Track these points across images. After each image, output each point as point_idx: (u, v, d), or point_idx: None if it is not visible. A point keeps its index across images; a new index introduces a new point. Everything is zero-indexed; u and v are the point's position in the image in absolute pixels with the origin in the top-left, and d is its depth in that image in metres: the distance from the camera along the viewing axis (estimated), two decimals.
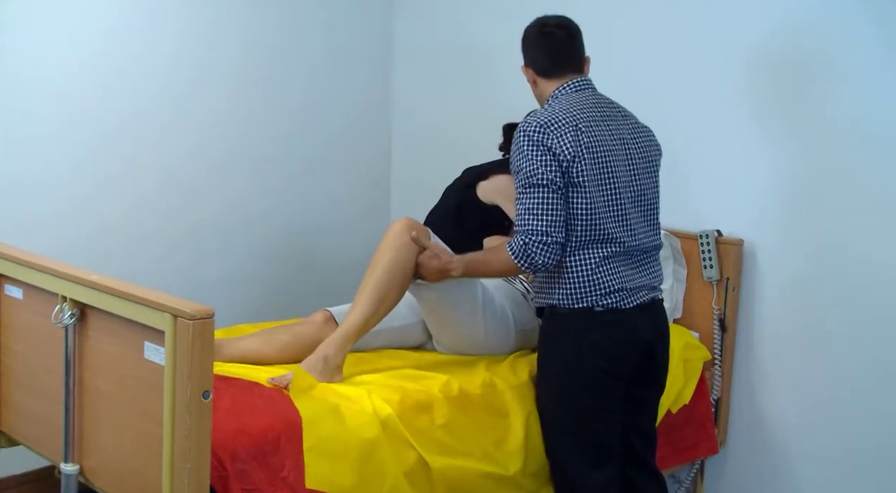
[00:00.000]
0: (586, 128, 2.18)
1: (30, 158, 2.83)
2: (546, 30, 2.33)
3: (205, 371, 1.65)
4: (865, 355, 2.66)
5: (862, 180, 2.64)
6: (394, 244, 2.31)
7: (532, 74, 2.36)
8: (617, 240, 2.22)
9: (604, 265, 2.21)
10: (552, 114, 2.20)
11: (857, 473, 2.70)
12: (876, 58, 2.59)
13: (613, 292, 2.21)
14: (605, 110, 2.28)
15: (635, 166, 2.28)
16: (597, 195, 2.18)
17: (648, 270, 2.31)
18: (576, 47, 2.34)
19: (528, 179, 2.16)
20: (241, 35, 3.36)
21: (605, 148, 2.21)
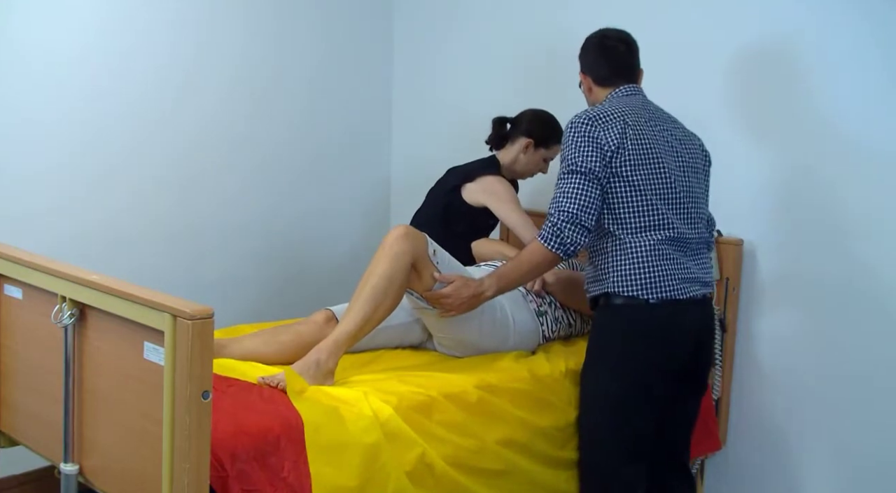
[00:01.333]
0: (634, 123, 2.28)
1: (23, 157, 2.82)
2: (607, 42, 2.45)
3: (204, 371, 1.65)
4: (865, 355, 2.66)
5: (862, 181, 2.64)
6: (391, 252, 2.30)
7: (589, 82, 2.46)
8: (669, 226, 2.27)
9: (657, 250, 2.25)
10: (601, 109, 2.31)
11: (858, 472, 2.70)
12: (874, 60, 2.59)
13: (667, 279, 2.25)
14: (654, 113, 2.38)
15: (685, 165, 2.36)
16: (646, 184, 2.26)
17: (700, 263, 2.35)
18: (633, 61, 2.45)
19: (568, 166, 2.25)
20: (240, 34, 3.36)
21: (652, 142, 2.29)
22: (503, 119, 3.11)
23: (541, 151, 3.04)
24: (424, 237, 2.38)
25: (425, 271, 2.36)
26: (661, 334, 2.26)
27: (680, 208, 2.31)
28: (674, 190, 2.30)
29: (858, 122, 2.63)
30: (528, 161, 3.05)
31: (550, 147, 3.03)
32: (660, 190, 2.27)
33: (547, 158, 3.06)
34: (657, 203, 2.27)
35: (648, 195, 2.26)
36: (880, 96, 2.58)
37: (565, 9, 3.32)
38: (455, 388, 2.25)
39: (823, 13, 2.66)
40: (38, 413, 2.09)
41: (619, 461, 2.31)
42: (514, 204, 2.96)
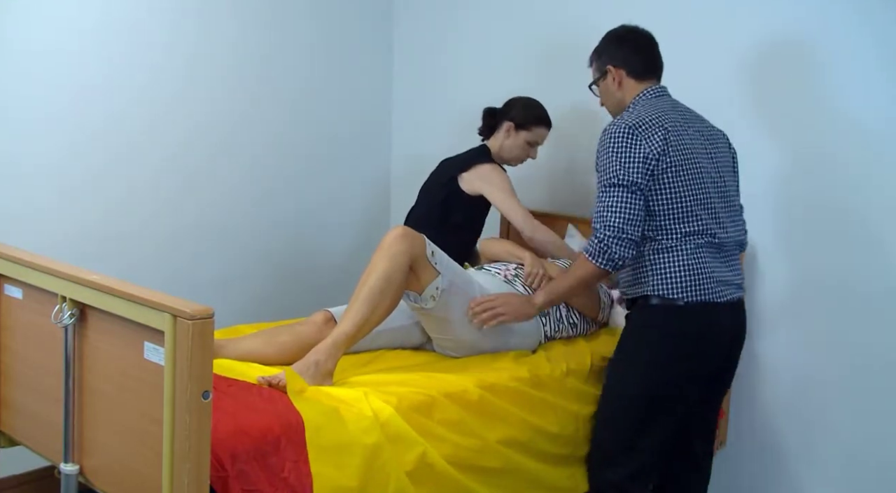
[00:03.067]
0: (672, 128, 2.28)
1: (17, 155, 2.81)
2: (631, 35, 2.45)
3: (205, 371, 1.65)
4: (866, 355, 2.66)
5: (862, 181, 2.64)
6: (388, 253, 2.31)
7: (621, 75, 2.43)
8: (708, 231, 2.29)
9: (695, 254, 2.27)
10: (639, 116, 2.29)
11: (858, 472, 2.70)
12: (875, 61, 2.59)
13: (704, 282, 2.26)
14: (686, 114, 2.39)
15: (719, 164, 2.38)
16: (685, 191, 2.27)
17: (733, 265, 2.37)
18: (661, 60, 2.46)
19: (609, 178, 2.25)
20: (238, 32, 3.35)
21: (691, 147, 2.31)
22: (492, 109, 3.15)
23: (522, 134, 3.05)
24: (423, 238, 2.38)
25: (423, 272, 2.36)
26: (696, 336, 2.29)
27: (716, 212, 2.33)
28: (711, 194, 2.32)
29: (864, 121, 2.63)
30: (512, 145, 3.07)
31: (532, 130, 3.05)
32: (699, 195, 2.29)
33: (531, 142, 3.07)
34: (696, 209, 2.28)
35: (688, 201, 2.27)
36: (889, 95, 2.58)
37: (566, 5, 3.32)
38: (455, 387, 2.25)
39: (829, 16, 2.66)
40: (38, 413, 2.09)
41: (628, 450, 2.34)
42: (509, 192, 2.98)
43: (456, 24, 3.71)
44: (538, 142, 3.09)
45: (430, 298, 2.39)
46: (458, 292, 2.46)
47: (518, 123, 3.06)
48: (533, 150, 3.10)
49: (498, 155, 3.10)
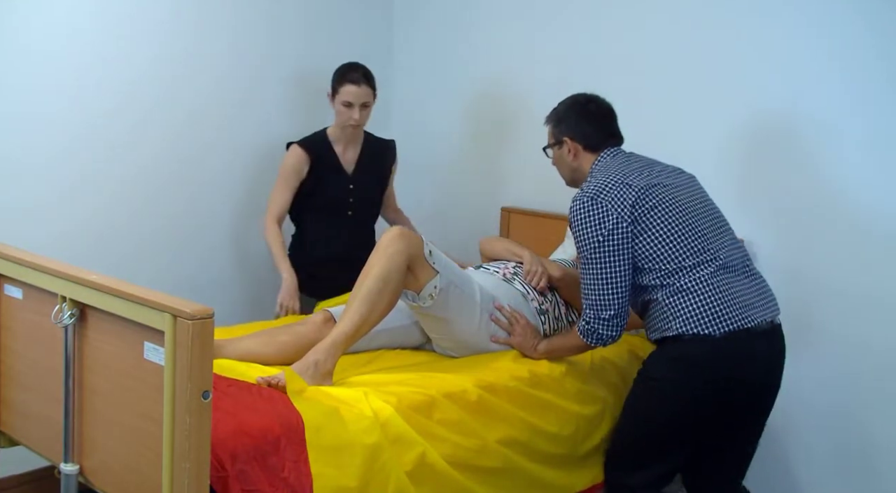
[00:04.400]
0: (636, 180, 2.32)
1: (6, 153, 2.79)
2: (592, 106, 2.48)
3: (205, 371, 1.65)
4: (866, 355, 2.66)
5: (861, 180, 2.64)
6: (385, 253, 2.31)
7: (577, 148, 2.46)
8: (712, 257, 2.28)
9: (711, 284, 2.25)
10: (597, 183, 2.33)
11: (857, 472, 2.71)
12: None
13: (729, 309, 2.23)
14: (642, 161, 2.41)
15: (693, 191, 2.39)
16: (675, 227, 2.28)
17: (756, 284, 2.33)
18: (617, 126, 2.50)
19: (584, 250, 2.31)
20: (233, 31, 3.34)
21: (662, 184, 2.33)
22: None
23: (335, 98, 3.07)
24: (420, 238, 2.38)
25: (421, 271, 2.36)
26: (728, 371, 2.24)
27: (711, 231, 2.33)
28: (699, 221, 2.32)
29: (859, 124, 2.63)
30: (336, 113, 3.10)
31: (338, 91, 3.07)
32: (690, 226, 2.29)
33: (343, 103, 3.05)
34: (691, 240, 2.28)
35: (682, 235, 2.27)
36: (881, 98, 2.59)
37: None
38: (455, 387, 2.25)
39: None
40: (38, 413, 2.09)
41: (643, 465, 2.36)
42: (283, 177, 3.08)
43: (456, 32, 3.71)
44: (351, 102, 3.04)
45: (428, 297, 2.39)
46: (457, 291, 2.46)
47: (332, 88, 3.09)
48: (352, 110, 3.05)
49: (337, 128, 3.13)
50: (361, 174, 3.15)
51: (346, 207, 3.09)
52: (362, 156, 3.16)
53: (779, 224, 2.83)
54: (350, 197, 3.12)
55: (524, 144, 3.51)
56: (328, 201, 3.05)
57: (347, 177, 3.12)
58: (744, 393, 2.28)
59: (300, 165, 3.07)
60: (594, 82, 3.19)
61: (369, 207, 3.19)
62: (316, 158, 3.07)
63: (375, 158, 3.19)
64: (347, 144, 3.14)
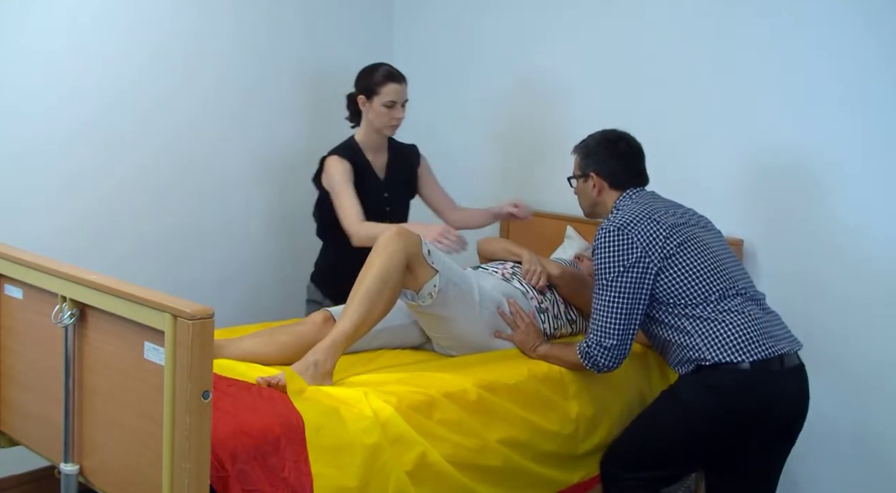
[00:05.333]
0: (662, 217, 2.34)
1: (3, 150, 2.79)
2: (622, 144, 2.48)
3: (205, 371, 1.65)
4: (866, 355, 2.66)
5: (862, 180, 2.64)
6: (384, 252, 2.31)
7: (602, 185, 2.47)
8: (738, 289, 2.29)
9: (739, 312, 2.26)
10: (626, 215, 2.35)
11: (857, 471, 2.71)
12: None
13: (758, 338, 2.23)
14: (668, 202, 2.43)
15: (714, 233, 2.42)
16: (701, 260, 2.30)
17: (778, 321, 2.34)
18: (644, 163, 2.51)
19: (602, 278, 2.31)
20: (233, 31, 3.34)
21: (682, 223, 2.34)
22: (350, 94, 3.09)
23: (374, 100, 2.97)
24: (418, 237, 2.38)
25: (420, 270, 2.36)
26: (758, 399, 2.23)
27: (735, 270, 2.35)
28: (721, 255, 2.35)
29: (858, 126, 2.63)
30: (374, 115, 2.98)
31: (379, 92, 2.95)
32: (714, 261, 2.31)
33: (386, 104, 2.95)
34: (717, 273, 2.30)
35: (706, 268, 2.29)
36: (881, 99, 2.59)
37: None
38: (455, 387, 2.26)
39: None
40: (38, 413, 2.09)
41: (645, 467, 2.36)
42: (341, 185, 2.90)
43: (455, 33, 3.71)
44: (395, 100, 2.95)
45: (427, 296, 2.39)
46: (456, 290, 2.46)
47: (366, 92, 2.98)
48: (395, 110, 2.97)
49: (370, 133, 3.03)
50: (393, 180, 3.09)
51: (384, 215, 3.03)
52: (390, 161, 3.10)
53: (770, 225, 2.83)
54: (387, 205, 3.06)
55: (524, 144, 3.51)
56: (367, 210, 2.92)
57: (381, 184, 3.06)
58: (771, 430, 2.27)
59: (349, 172, 2.94)
60: (593, 84, 3.20)
61: (403, 213, 3.14)
62: (354, 167, 2.98)
63: (402, 163, 3.13)
64: (377, 151, 3.07)
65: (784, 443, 2.35)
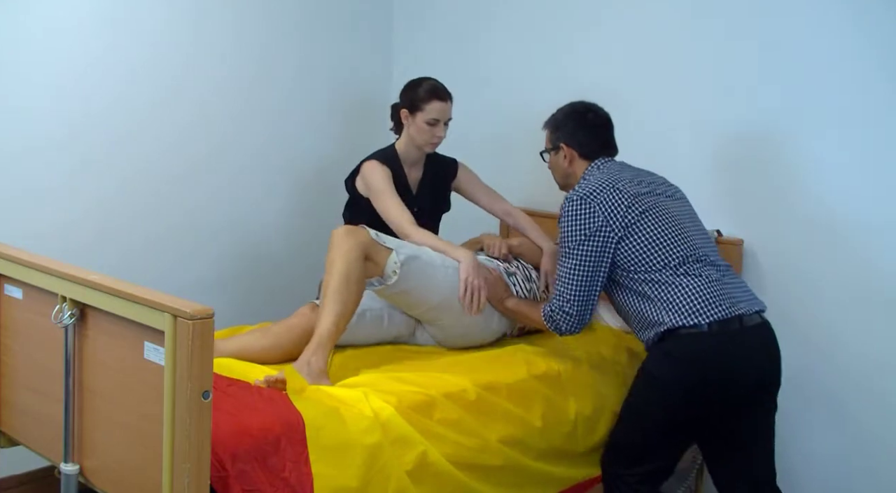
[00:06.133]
0: (626, 186, 2.39)
1: (3, 146, 2.78)
2: (590, 116, 2.54)
3: (205, 371, 1.65)
4: (865, 355, 2.66)
5: (861, 179, 2.64)
6: (340, 252, 2.38)
7: (573, 154, 2.53)
8: (700, 255, 2.33)
9: (699, 277, 2.30)
10: (590, 184, 2.40)
11: (857, 471, 2.71)
12: (867, 54, 2.60)
13: (718, 300, 2.26)
14: (632, 171, 2.47)
15: (679, 199, 2.47)
16: (663, 228, 2.34)
17: (739, 283, 2.38)
18: (612, 133, 2.57)
19: (565, 246, 2.38)
20: (233, 31, 3.33)
21: (645, 192, 2.39)
22: (395, 103, 3.06)
23: (418, 116, 2.91)
24: (365, 229, 2.47)
25: (377, 255, 2.45)
26: (722, 361, 2.26)
27: (697, 236, 2.39)
28: (684, 222, 2.39)
29: (857, 124, 2.63)
30: (416, 130, 2.92)
31: (423, 109, 2.89)
32: (677, 229, 2.35)
33: (429, 121, 2.89)
34: (679, 239, 2.34)
35: (668, 234, 2.34)
36: (880, 96, 2.59)
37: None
38: (454, 387, 2.26)
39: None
40: (38, 413, 2.09)
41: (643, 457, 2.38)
42: (382, 190, 2.86)
43: (455, 33, 3.71)
44: (438, 118, 2.90)
45: (392, 273, 2.45)
46: (418, 261, 2.52)
47: (409, 107, 2.94)
48: (437, 128, 2.92)
49: (410, 145, 2.98)
50: (424, 196, 3.05)
51: None
52: (424, 177, 3.06)
53: (770, 226, 2.83)
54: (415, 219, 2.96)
55: (524, 144, 3.51)
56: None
57: (413, 198, 3.01)
58: (742, 392, 2.29)
59: (390, 176, 2.90)
60: (591, 85, 3.20)
61: (432, 228, 3.07)
62: (392, 175, 2.93)
63: (437, 179, 3.09)
64: (413, 164, 3.03)
65: (764, 402, 2.37)
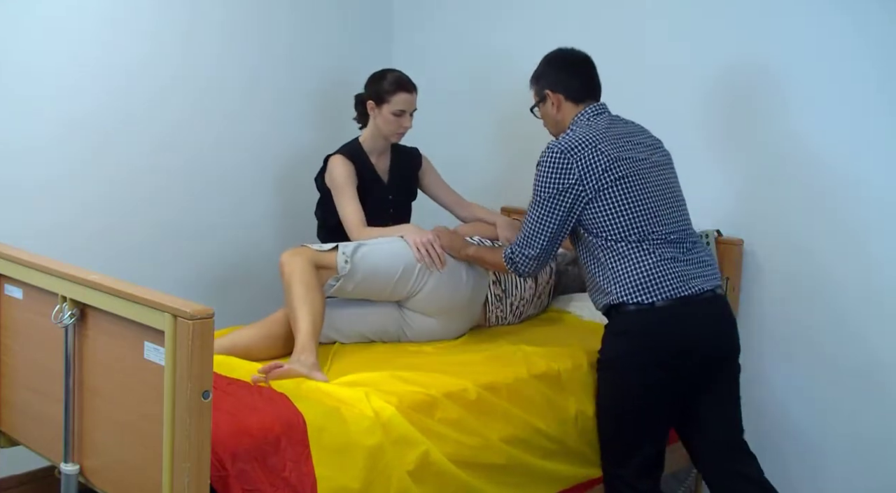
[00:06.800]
0: (608, 148, 2.37)
1: (7, 144, 2.79)
2: (575, 58, 2.54)
3: (205, 371, 1.65)
4: (865, 355, 2.66)
5: (861, 179, 2.64)
6: (291, 270, 2.49)
7: (559, 99, 2.52)
8: (661, 233, 2.35)
9: (654, 256, 2.32)
10: (573, 139, 2.38)
11: (857, 472, 2.71)
12: (865, 61, 2.60)
13: (670, 280, 2.30)
14: (622, 128, 2.46)
15: (662, 168, 2.45)
16: (633, 200, 2.34)
17: (700, 259, 2.40)
18: (598, 79, 2.55)
19: (537, 194, 2.39)
20: (227, 30, 3.32)
21: (632, 158, 2.38)
22: (358, 94, 3.08)
23: (384, 107, 2.94)
24: (303, 246, 2.58)
25: (325, 259, 2.55)
26: (673, 333, 2.31)
27: (666, 212, 2.38)
28: (657, 195, 2.38)
29: (856, 122, 2.63)
30: (383, 121, 2.96)
31: (388, 99, 2.93)
32: (647, 202, 2.35)
33: (396, 112, 2.93)
34: (645, 214, 2.34)
35: (636, 208, 2.34)
36: (876, 96, 2.59)
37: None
38: (455, 387, 2.26)
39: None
40: (38, 413, 2.09)
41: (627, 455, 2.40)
42: (341, 187, 2.91)
43: (455, 34, 3.71)
44: (404, 110, 2.94)
45: (344, 264, 2.54)
46: (363, 247, 2.61)
47: (375, 98, 2.97)
48: (404, 118, 2.96)
49: (375, 136, 3.02)
50: (396, 183, 3.09)
51: (387, 217, 3.02)
52: (393, 164, 3.10)
53: (770, 226, 2.83)
54: (390, 207, 3.06)
55: (524, 143, 3.51)
56: (369, 213, 2.93)
57: (385, 186, 3.06)
58: (695, 364, 2.33)
59: (352, 173, 2.95)
60: None
61: (406, 216, 3.14)
62: (358, 169, 2.98)
63: (404, 166, 3.13)
64: (380, 154, 3.07)
65: (724, 370, 2.41)
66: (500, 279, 2.87)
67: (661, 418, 2.39)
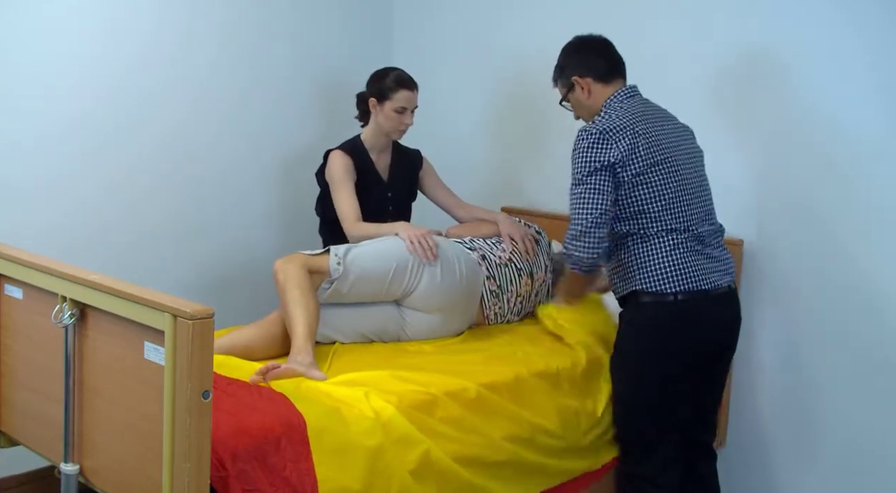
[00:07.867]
0: (644, 131, 2.35)
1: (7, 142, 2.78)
2: (594, 40, 2.53)
3: (205, 371, 1.65)
4: (865, 355, 2.66)
5: (861, 179, 2.64)
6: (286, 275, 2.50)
7: (588, 82, 2.49)
8: (689, 226, 2.37)
9: (680, 249, 2.34)
10: (610, 122, 2.36)
11: (857, 472, 2.70)
12: (862, 60, 2.60)
13: (690, 274, 2.33)
14: (657, 113, 2.45)
15: (691, 155, 2.45)
16: (665, 188, 2.34)
17: (719, 253, 2.43)
18: (615, 49, 2.53)
19: (578, 175, 2.35)
20: (227, 30, 3.32)
21: (666, 145, 2.38)
22: (360, 93, 3.11)
23: (386, 104, 2.99)
24: (297, 253, 2.59)
25: (319, 263, 2.56)
26: (689, 327, 2.35)
27: (695, 203, 2.40)
28: (688, 188, 2.39)
29: (856, 122, 2.63)
30: (384, 118, 3.00)
31: (390, 97, 2.97)
32: (678, 192, 2.36)
33: (397, 109, 2.98)
34: (676, 205, 2.36)
35: (668, 198, 2.35)
36: (877, 97, 2.59)
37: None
38: (455, 386, 2.27)
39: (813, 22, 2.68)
40: (38, 413, 2.09)
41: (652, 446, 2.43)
42: (338, 182, 2.95)
43: (455, 32, 3.71)
44: (405, 107, 2.99)
45: (337, 266, 2.55)
46: (358, 247, 2.64)
47: (377, 95, 3.00)
48: (405, 116, 3.00)
49: (377, 133, 3.04)
50: (396, 181, 3.10)
51: (386, 215, 3.04)
52: (394, 163, 3.12)
53: (770, 226, 2.83)
54: (389, 205, 3.08)
55: (524, 143, 3.51)
56: (369, 210, 2.95)
57: (385, 184, 3.08)
58: (702, 358, 2.40)
59: (350, 168, 2.98)
60: None
61: (405, 215, 3.15)
62: (357, 165, 3.00)
63: (405, 166, 3.15)
64: (381, 152, 3.09)
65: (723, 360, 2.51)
66: (495, 275, 2.85)
67: (679, 410, 2.42)
